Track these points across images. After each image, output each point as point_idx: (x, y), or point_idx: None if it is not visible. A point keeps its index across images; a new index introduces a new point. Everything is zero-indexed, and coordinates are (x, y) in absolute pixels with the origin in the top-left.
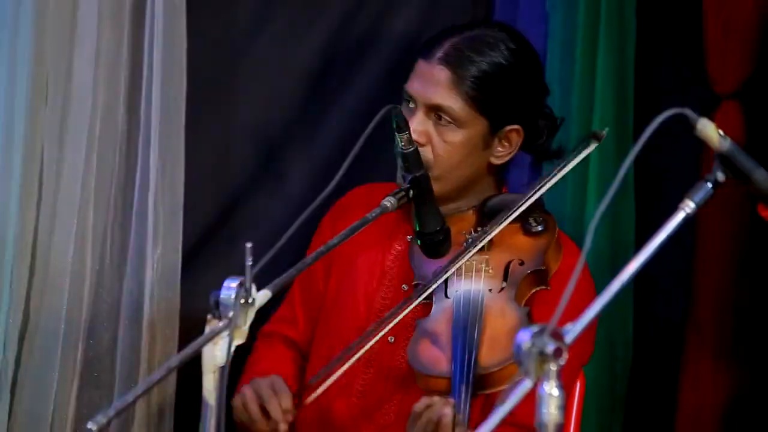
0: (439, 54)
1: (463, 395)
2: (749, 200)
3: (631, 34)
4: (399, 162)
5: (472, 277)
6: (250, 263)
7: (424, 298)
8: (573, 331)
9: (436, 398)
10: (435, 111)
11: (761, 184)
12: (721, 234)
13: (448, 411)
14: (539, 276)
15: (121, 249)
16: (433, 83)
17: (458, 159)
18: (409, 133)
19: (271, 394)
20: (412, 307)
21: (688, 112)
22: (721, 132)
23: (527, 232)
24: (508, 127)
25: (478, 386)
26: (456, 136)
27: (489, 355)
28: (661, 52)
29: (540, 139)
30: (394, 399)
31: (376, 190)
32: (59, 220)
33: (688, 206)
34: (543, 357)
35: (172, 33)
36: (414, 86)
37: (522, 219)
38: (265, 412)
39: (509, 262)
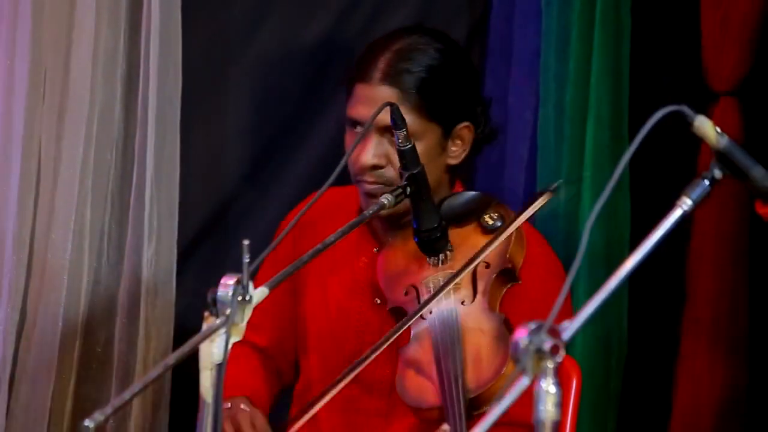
0: (377, 74)
1: (457, 422)
2: (748, 197)
3: (626, 30)
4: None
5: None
6: (248, 260)
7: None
8: (571, 328)
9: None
10: (389, 130)
11: (759, 181)
12: (717, 230)
13: None
14: (507, 274)
15: (118, 246)
16: (379, 104)
17: None
18: (407, 130)
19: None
20: (393, 338)
21: (685, 109)
22: (719, 129)
23: (485, 230)
24: (459, 126)
25: (471, 408)
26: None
27: (475, 377)
28: (657, 48)
29: (481, 126)
30: (379, 412)
31: (339, 194)
32: (57, 218)
33: (686, 203)
34: (540, 354)
35: (168, 32)
36: (359, 111)
37: (478, 218)
38: None
39: (475, 268)
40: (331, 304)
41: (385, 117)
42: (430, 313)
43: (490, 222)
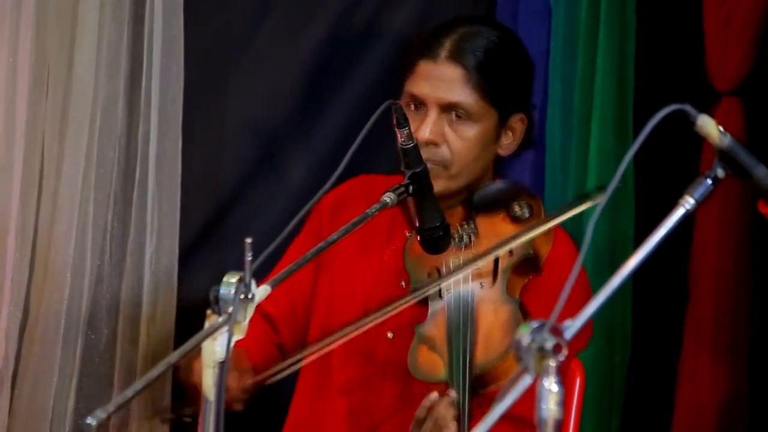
0: (445, 52)
1: (462, 398)
2: (750, 197)
3: (631, 30)
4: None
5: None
6: (250, 258)
7: (421, 302)
8: (573, 327)
9: (435, 396)
10: (449, 109)
11: (761, 180)
12: (719, 230)
13: (453, 418)
14: (529, 263)
15: (120, 244)
16: (445, 81)
17: (475, 154)
18: (409, 129)
19: (231, 370)
20: (401, 308)
21: (688, 108)
22: (722, 128)
23: (514, 219)
24: (514, 117)
25: (477, 385)
26: (471, 130)
27: (484, 354)
28: (661, 48)
29: (532, 125)
30: (393, 394)
31: (376, 183)
32: (59, 215)
33: (688, 202)
34: (542, 353)
35: (171, 29)
36: (422, 88)
37: (507, 206)
38: None
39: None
40: (358, 287)
41: (448, 95)
42: (449, 293)
43: (518, 211)
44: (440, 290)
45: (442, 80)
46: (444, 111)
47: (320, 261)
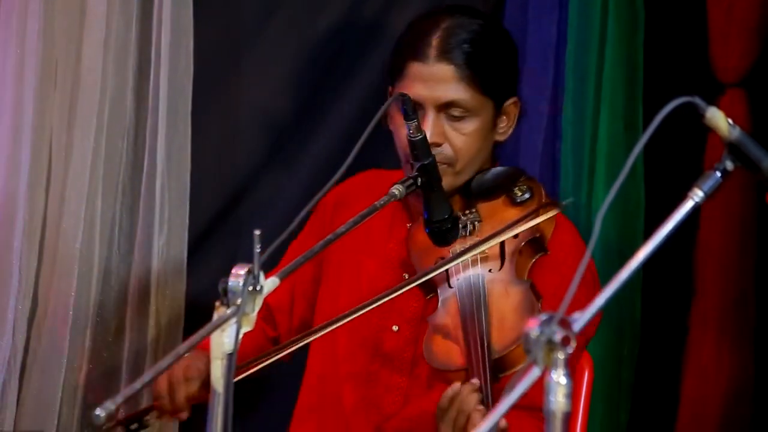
0: (434, 52)
1: (483, 383)
2: (757, 189)
3: (640, 20)
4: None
5: (469, 262)
6: (259, 250)
7: (431, 294)
8: (581, 319)
9: (458, 386)
10: (447, 108)
11: None
12: (724, 222)
13: (477, 403)
14: (536, 244)
15: (129, 236)
16: (439, 81)
17: (477, 146)
18: (418, 121)
19: (180, 381)
20: (402, 291)
21: (697, 100)
22: (731, 121)
23: (514, 202)
24: (508, 102)
25: (497, 370)
26: (471, 125)
27: (500, 338)
28: (668, 40)
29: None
30: (400, 388)
31: (380, 178)
32: (68, 207)
33: (697, 195)
34: (551, 345)
35: (179, 20)
36: (417, 90)
37: (507, 191)
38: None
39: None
40: (363, 282)
41: (445, 94)
42: (458, 280)
43: (519, 194)
44: (448, 279)
45: (435, 80)
46: (441, 110)
47: (323, 256)
